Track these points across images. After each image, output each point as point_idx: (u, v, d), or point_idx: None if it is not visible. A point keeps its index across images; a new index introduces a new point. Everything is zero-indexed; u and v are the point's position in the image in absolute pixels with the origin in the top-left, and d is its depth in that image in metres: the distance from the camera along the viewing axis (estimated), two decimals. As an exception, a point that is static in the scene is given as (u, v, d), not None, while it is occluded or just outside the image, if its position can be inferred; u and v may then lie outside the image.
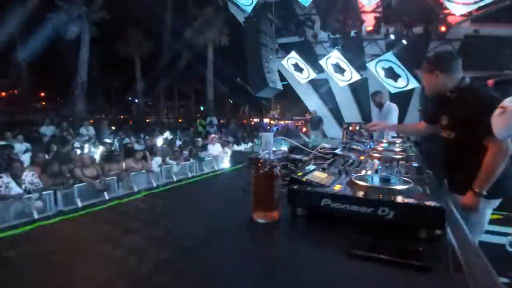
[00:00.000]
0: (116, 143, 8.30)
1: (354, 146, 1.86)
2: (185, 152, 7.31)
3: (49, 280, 0.58)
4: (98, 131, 9.99)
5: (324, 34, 7.60)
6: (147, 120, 19.57)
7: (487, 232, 3.03)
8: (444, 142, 1.78)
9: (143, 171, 5.75)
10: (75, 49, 14.94)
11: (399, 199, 0.72)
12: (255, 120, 21.67)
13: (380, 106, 4.18)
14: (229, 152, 7.87)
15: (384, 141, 2.25)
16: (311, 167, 1.03)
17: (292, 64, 8.04)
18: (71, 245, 0.74)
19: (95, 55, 15.68)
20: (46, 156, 5.54)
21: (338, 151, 1.60)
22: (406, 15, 6.14)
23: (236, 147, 9.12)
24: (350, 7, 6.58)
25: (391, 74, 6.72)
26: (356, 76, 7.29)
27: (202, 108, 22.97)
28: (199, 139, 8.85)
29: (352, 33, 7.11)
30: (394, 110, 4.02)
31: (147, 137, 8.77)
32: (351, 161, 1.30)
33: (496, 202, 1.69)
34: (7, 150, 5.62)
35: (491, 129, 1.34)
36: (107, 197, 4.89)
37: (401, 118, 4.74)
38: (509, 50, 5.30)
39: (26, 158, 5.56)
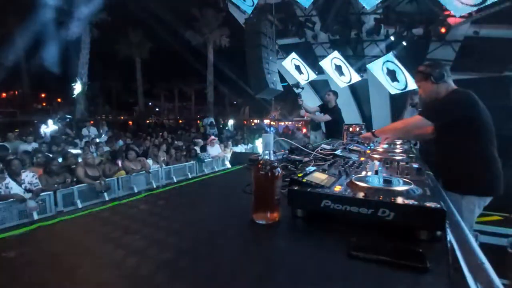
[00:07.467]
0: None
1: (354, 147, 1.87)
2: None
3: (49, 280, 0.57)
4: (97, 132, 10.06)
5: (324, 35, 7.61)
6: (148, 122, 19.59)
7: (488, 233, 3.03)
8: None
9: (143, 172, 5.76)
10: (76, 50, 14.97)
11: (400, 200, 0.72)
12: (256, 121, 21.65)
13: (414, 106, 4.20)
14: (229, 153, 7.87)
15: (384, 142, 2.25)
16: (311, 168, 1.03)
17: (292, 65, 8.04)
18: (71, 246, 0.73)
19: (95, 56, 15.71)
20: (46, 157, 5.53)
21: (338, 152, 1.60)
22: (406, 16, 6.14)
23: (236, 148, 9.10)
24: (350, 8, 6.59)
25: (391, 75, 6.71)
26: (356, 77, 7.29)
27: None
28: (199, 140, 8.85)
29: (352, 34, 7.12)
30: None
31: (143, 138, 8.77)
32: (351, 162, 1.30)
33: (486, 201, 1.80)
34: (3, 151, 5.60)
35: (430, 112, 1.77)
36: (107, 198, 4.88)
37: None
38: (509, 51, 5.29)
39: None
